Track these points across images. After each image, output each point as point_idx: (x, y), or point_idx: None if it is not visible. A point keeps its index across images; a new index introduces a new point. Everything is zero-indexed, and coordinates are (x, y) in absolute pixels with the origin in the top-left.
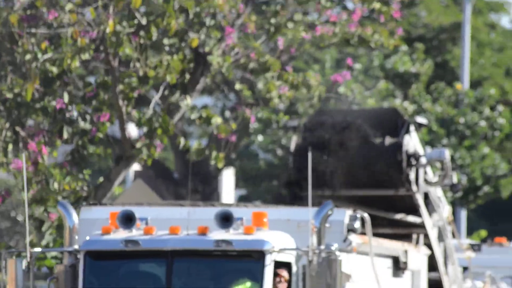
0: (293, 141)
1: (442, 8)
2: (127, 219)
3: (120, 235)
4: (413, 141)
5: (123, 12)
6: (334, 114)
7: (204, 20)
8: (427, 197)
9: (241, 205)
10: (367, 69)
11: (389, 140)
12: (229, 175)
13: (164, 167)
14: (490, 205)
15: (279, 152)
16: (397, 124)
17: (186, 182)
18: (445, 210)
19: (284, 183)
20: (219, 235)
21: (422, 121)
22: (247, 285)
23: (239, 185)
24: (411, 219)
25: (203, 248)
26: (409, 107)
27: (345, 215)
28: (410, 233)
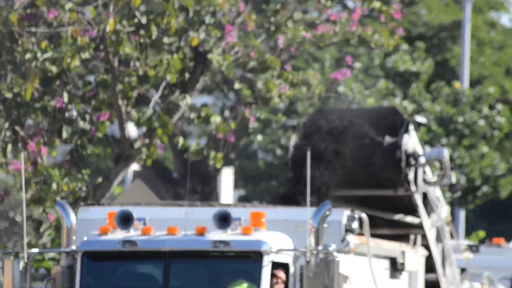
0: (292, 141)
1: (442, 6)
2: (125, 219)
3: (117, 235)
4: (412, 141)
5: (123, 11)
6: (333, 113)
7: (203, 18)
8: (425, 197)
9: (239, 205)
10: (367, 68)
11: (388, 139)
12: (228, 174)
13: (163, 167)
14: (488, 205)
15: (278, 152)
16: (396, 123)
17: (185, 182)
18: (444, 210)
19: (282, 183)
20: (217, 235)
21: (421, 120)
22: (245, 285)
23: (238, 185)
24: (410, 219)
25: (201, 248)
26: (409, 106)
27: (343, 215)
28: (408, 234)
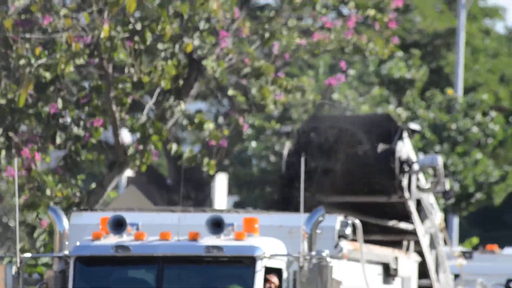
0: (286, 147)
1: (436, 14)
2: (118, 224)
3: (110, 240)
4: (406, 148)
5: (117, 17)
6: (327, 120)
7: (198, 24)
8: (419, 204)
9: (232, 211)
10: (362, 74)
11: (382, 146)
12: (222, 181)
13: (157, 173)
14: (482, 212)
15: (272, 158)
16: (390, 130)
17: (179, 188)
18: (437, 217)
19: (276, 189)
20: (210, 241)
21: (415, 127)
22: None
23: (232, 192)
24: (403, 226)
25: (193, 254)
26: (403, 114)
27: (336, 221)
28: (402, 240)
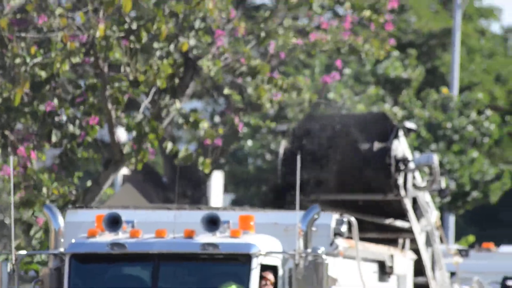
0: (282, 146)
1: (431, 14)
2: (113, 222)
3: (106, 238)
4: (402, 146)
5: (113, 16)
6: (323, 119)
7: (193, 24)
8: (415, 202)
9: (228, 208)
10: (358, 73)
11: (377, 145)
12: (218, 179)
13: (153, 171)
14: (478, 210)
15: (268, 156)
16: (386, 129)
17: (175, 186)
18: (433, 215)
19: (272, 188)
20: (206, 238)
21: (411, 126)
22: (233, 287)
23: (228, 190)
24: (399, 224)
25: (189, 251)
26: (399, 113)
27: (331, 219)
28: (398, 238)
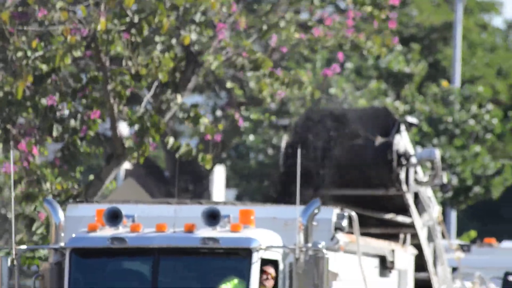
0: (284, 140)
1: (433, 7)
2: (113, 216)
3: (106, 232)
4: (404, 141)
5: (114, 9)
6: (325, 113)
7: (194, 17)
8: (417, 197)
9: (228, 203)
10: (360, 68)
11: (379, 139)
12: (220, 173)
13: (155, 165)
14: (480, 205)
15: (270, 151)
16: (388, 123)
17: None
18: (435, 210)
19: (273, 182)
20: (206, 232)
21: (412, 120)
22: (234, 282)
23: (231, 185)
24: (401, 219)
25: (189, 245)
26: (400, 107)
27: (332, 213)
28: (399, 233)
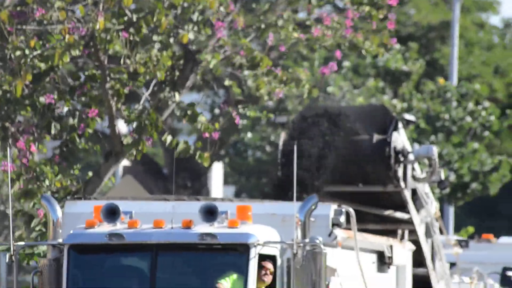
0: (282, 137)
1: (431, 6)
2: (111, 212)
3: (104, 228)
4: (401, 138)
5: (112, 8)
6: (322, 110)
7: (192, 16)
8: (414, 194)
9: (226, 199)
10: (357, 66)
11: (377, 136)
12: (218, 170)
13: (153, 162)
14: (477, 202)
15: (268, 148)
16: (385, 121)
17: (175, 177)
18: (433, 206)
19: (271, 179)
20: (204, 228)
21: (410, 118)
22: (232, 277)
23: (229, 182)
24: (399, 215)
25: (187, 241)
26: (398, 105)
27: (330, 209)
28: (397, 229)
